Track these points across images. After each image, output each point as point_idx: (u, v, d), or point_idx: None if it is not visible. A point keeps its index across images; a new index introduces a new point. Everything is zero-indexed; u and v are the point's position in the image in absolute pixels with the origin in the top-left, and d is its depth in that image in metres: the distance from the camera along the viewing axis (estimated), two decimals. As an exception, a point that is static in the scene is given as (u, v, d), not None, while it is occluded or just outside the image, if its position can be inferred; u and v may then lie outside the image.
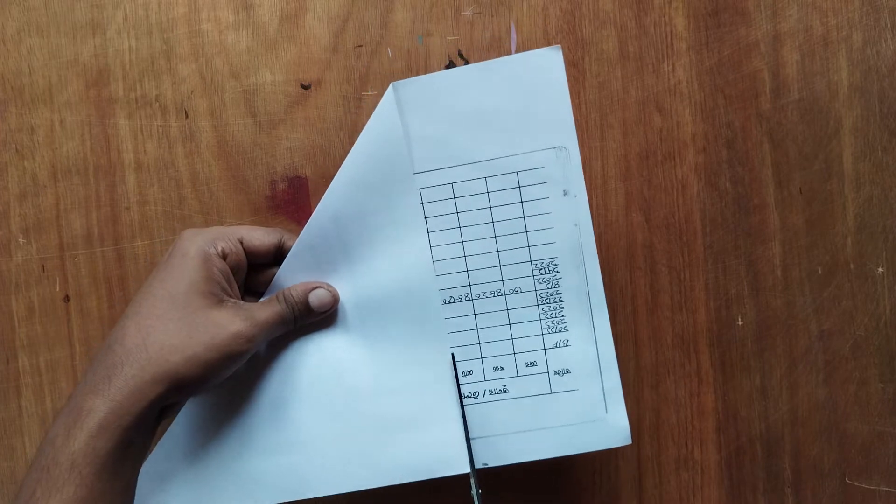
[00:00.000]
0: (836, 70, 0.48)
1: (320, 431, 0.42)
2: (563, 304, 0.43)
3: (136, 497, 0.37)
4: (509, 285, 0.43)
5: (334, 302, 0.42)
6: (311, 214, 0.47)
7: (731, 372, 0.48)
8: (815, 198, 0.48)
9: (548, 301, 0.43)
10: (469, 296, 0.43)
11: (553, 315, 0.43)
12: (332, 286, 0.42)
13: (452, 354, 0.43)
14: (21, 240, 0.47)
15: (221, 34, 0.46)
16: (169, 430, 0.42)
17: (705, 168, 0.48)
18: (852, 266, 0.48)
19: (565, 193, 0.42)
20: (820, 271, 0.48)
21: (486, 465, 0.43)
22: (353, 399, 0.42)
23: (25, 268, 0.47)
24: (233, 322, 0.38)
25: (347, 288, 0.43)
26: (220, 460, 0.42)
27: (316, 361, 0.43)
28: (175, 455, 0.42)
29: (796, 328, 0.48)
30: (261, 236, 0.42)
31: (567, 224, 0.42)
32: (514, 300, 0.43)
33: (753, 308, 0.48)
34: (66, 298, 0.47)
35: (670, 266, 0.48)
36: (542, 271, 0.42)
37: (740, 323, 0.48)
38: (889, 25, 0.48)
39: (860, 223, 0.48)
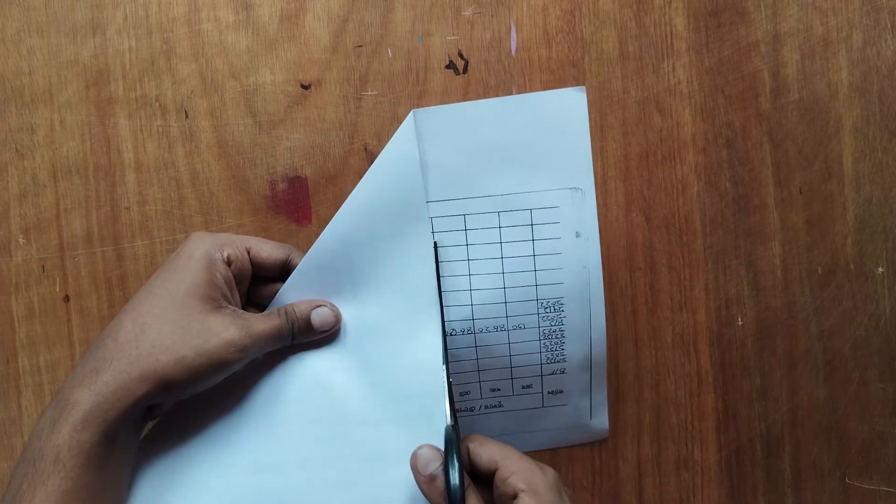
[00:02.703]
0: (836, 70, 0.48)
1: (305, 454, 0.41)
2: (565, 341, 0.43)
3: None
4: (513, 321, 0.43)
5: (336, 322, 0.42)
6: (310, 214, 0.47)
7: (731, 372, 0.48)
8: (815, 198, 0.48)
9: (550, 337, 0.43)
10: (472, 330, 0.43)
11: (553, 349, 0.43)
12: (335, 306, 0.42)
13: (435, 243, 0.42)
14: (21, 240, 0.47)
15: (221, 34, 0.46)
16: (150, 433, 0.42)
17: (705, 168, 0.48)
18: (852, 266, 0.48)
19: (577, 235, 0.42)
20: (820, 271, 0.48)
21: None
22: (341, 425, 0.41)
23: (25, 268, 0.47)
24: (227, 329, 0.37)
25: (349, 311, 0.42)
26: (201, 471, 0.41)
27: (309, 382, 0.42)
28: (155, 460, 0.41)
29: (796, 328, 0.48)
30: (269, 249, 0.42)
31: (577, 266, 0.42)
32: (516, 335, 0.43)
33: (753, 308, 0.48)
34: (66, 298, 0.47)
35: (670, 266, 0.48)
36: (548, 310, 0.43)
37: (740, 323, 0.48)
38: (889, 25, 0.48)
39: (860, 223, 0.48)
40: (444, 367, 0.41)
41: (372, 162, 0.47)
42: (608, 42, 0.47)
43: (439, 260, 0.42)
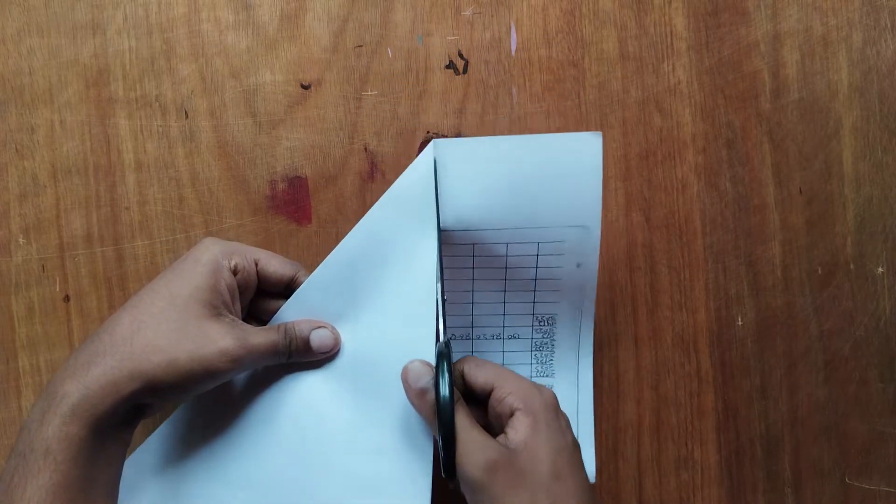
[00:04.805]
0: (836, 70, 0.48)
1: (290, 476, 0.41)
2: (555, 354, 0.45)
3: None
4: (509, 332, 0.45)
5: (335, 346, 0.41)
6: (310, 214, 0.47)
7: (731, 372, 0.48)
8: (815, 198, 0.48)
9: (541, 349, 0.45)
10: (469, 336, 0.45)
11: (544, 361, 0.45)
12: (336, 329, 0.42)
13: (434, 159, 0.41)
14: (21, 240, 0.47)
15: (221, 34, 0.46)
16: (145, 442, 0.42)
17: (705, 168, 0.48)
18: (852, 266, 0.48)
19: (578, 266, 0.43)
20: (820, 271, 0.48)
21: None
22: (328, 450, 0.41)
23: (25, 268, 0.47)
24: (223, 338, 0.37)
25: (348, 335, 0.42)
26: (192, 486, 0.41)
27: (300, 405, 0.41)
28: (150, 474, 0.41)
29: (796, 328, 0.48)
30: (277, 265, 0.41)
31: (574, 289, 0.44)
32: (510, 345, 0.45)
33: (753, 308, 0.48)
34: (66, 298, 0.47)
35: (670, 266, 0.48)
36: (542, 323, 0.45)
37: (740, 323, 0.48)
38: (889, 25, 0.48)
39: (860, 223, 0.48)
40: (439, 280, 0.40)
41: (372, 161, 0.47)
42: (608, 42, 0.47)
43: (446, 301, 0.42)
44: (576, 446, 0.38)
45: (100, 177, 0.47)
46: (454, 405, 0.36)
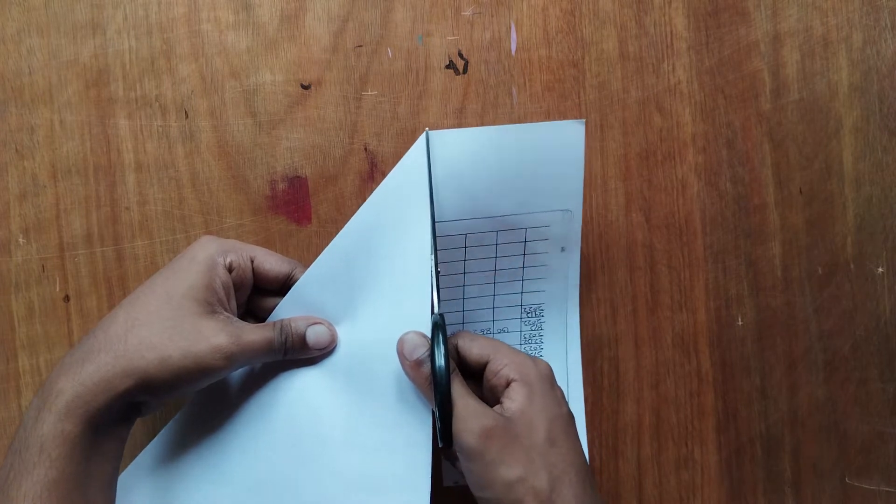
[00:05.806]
0: (836, 70, 0.48)
1: (288, 475, 0.41)
2: (543, 344, 0.46)
3: None
4: (498, 325, 0.46)
5: (332, 342, 0.41)
6: (310, 214, 0.47)
7: (731, 372, 0.48)
8: (815, 198, 0.48)
9: (530, 341, 0.46)
10: (461, 330, 0.45)
11: (533, 353, 0.46)
12: (332, 326, 0.41)
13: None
14: (21, 240, 0.47)
15: (221, 34, 0.46)
16: (149, 445, 0.41)
17: (705, 168, 0.48)
18: (852, 266, 0.48)
19: (563, 250, 0.44)
20: (820, 271, 0.48)
21: (458, 482, 0.45)
22: (323, 448, 0.41)
23: (25, 268, 0.47)
24: (217, 335, 0.37)
25: (344, 332, 0.42)
26: (193, 487, 0.41)
27: (296, 401, 0.41)
28: (150, 475, 0.41)
29: (796, 328, 0.48)
30: (273, 262, 0.41)
31: (559, 276, 0.45)
32: (500, 338, 0.45)
33: (753, 308, 0.48)
34: (66, 298, 0.47)
35: (670, 266, 0.48)
36: (530, 315, 0.46)
37: (740, 323, 0.48)
38: (889, 25, 0.48)
39: (860, 223, 0.48)
40: (433, 255, 0.40)
41: (372, 161, 0.47)
42: (608, 42, 0.47)
43: (441, 299, 0.42)
44: (571, 417, 0.38)
45: (100, 177, 0.47)
46: (450, 374, 0.37)
